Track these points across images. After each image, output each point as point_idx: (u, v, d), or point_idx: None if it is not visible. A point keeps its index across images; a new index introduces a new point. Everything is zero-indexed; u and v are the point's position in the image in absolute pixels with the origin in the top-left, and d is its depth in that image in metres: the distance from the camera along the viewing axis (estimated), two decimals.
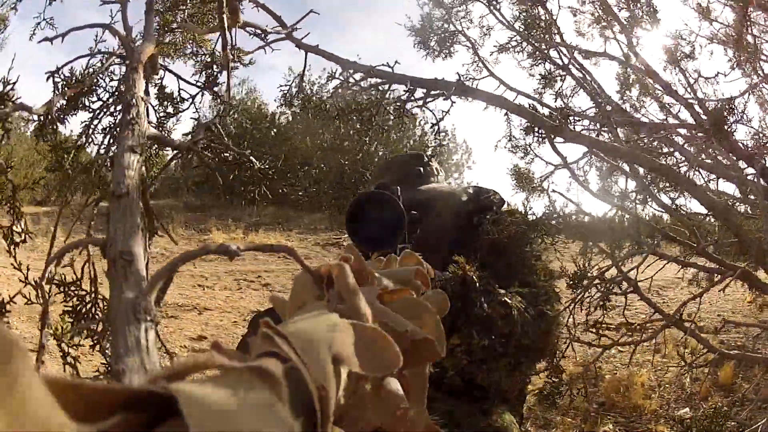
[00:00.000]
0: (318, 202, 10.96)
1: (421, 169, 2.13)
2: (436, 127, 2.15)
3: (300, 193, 10.56)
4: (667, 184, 2.75)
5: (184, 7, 2.40)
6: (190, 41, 2.36)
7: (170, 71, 1.77)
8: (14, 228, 1.64)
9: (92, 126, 1.67)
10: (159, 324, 0.64)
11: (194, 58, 2.27)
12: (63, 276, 1.52)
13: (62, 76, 1.61)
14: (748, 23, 2.91)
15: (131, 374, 0.60)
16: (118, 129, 1.56)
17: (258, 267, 7.26)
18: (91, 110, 1.66)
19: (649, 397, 3.31)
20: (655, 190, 2.67)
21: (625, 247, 2.48)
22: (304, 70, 2.15)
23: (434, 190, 2.09)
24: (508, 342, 1.75)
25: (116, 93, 1.68)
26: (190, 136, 1.51)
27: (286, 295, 0.59)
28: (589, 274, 2.36)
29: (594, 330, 2.63)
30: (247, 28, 1.96)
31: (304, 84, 2.23)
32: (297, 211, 10.94)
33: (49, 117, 1.52)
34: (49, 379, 0.22)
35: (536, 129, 2.01)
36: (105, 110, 1.66)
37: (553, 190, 2.28)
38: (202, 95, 2.00)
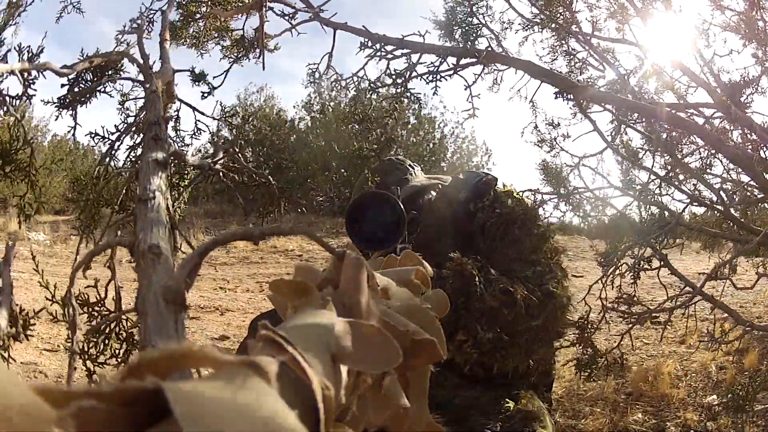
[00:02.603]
0: (340, 207, 11.02)
1: (398, 170, 2.12)
2: (469, 90, 2.16)
3: (320, 198, 10.61)
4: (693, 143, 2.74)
5: None
6: (215, 30, 2.41)
7: (185, 103, 1.82)
8: (28, 199, 1.65)
9: (112, 154, 1.69)
10: (189, 309, 0.64)
11: (220, 43, 2.32)
12: (87, 296, 1.51)
13: (85, 55, 1.64)
14: (759, 8, 2.90)
15: None
16: (140, 147, 1.59)
17: (280, 270, 7.29)
18: (113, 130, 1.67)
19: (676, 386, 3.28)
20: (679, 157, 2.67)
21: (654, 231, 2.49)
22: (332, 49, 2.19)
23: (416, 187, 2.08)
24: (516, 328, 1.75)
25: (134, 123, 1.70)
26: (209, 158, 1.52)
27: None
28: (618, 252, 2.37)
29: (626, 303, 2.64)
30: (275, 8, 2.00)
31: (331, 65, 2.25)
32: (318, 216, 11.00)
33: (77, 82, 1.55)
34: (41, 389, 0.23)
35: (566, 93, 2.02)
36: (126, 134, 1.68)
37: (583, 164, 2.30)
38: (219, 126, 2.03)
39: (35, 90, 1.42)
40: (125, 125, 1.71)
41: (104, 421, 0.23)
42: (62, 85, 1.54)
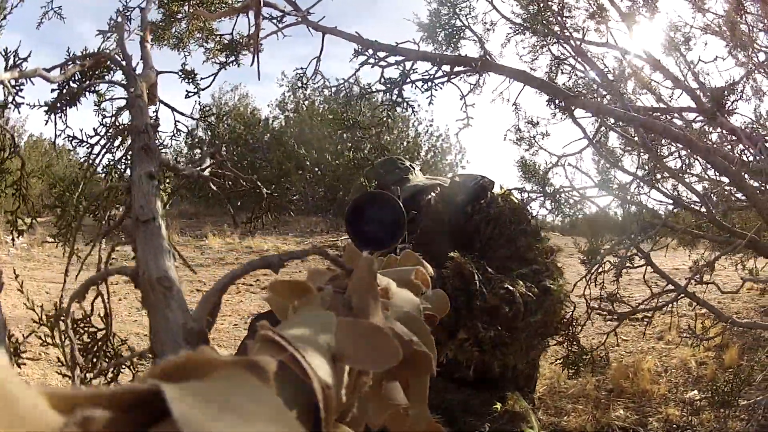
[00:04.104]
0: (314, 206, 10.98)
1: (398, 169, 2.15)
2: (463, 101, 2.16)
3: (294, 197, 10.55)
4: (679, 171, 2.80)
5: None
6: (198, 30, 2.37)
7: (165, 104, 1.76)
8: (19, 215, 1.60)
9: (93, 159, 1.64)
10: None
11: (204, 45, 2.28)
12: (72, 312, 1.47)
13: (72, 55, 1.59)
14: (742, 12, 2.95)
15: None
16: (128, 156, 1.53)
17: (255, 271, 7.23)
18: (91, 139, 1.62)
19: (656, 382, 3.32)
20: (666, 164, 2.72)
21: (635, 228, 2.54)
22: (321, 53, 2.16)
23: (417, 186, 2.10)
24: (516, 324, 1.77)
25: (114, 125, 1.65)
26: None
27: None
28: (602, 251, 2.41)
29: (609, 302, 2.68)
30: (263, 12, 1.96)
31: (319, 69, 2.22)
32: (292, 216, 10.94)
33: (66, 89, 1.50)
34: (44, 392, 0.23)
35: (557, 100, 2.04)
36: (110, 140, 1.63)
37: (569, 164, 2.33)
38: (197, 124, 2.01)
39: (23, 98, 1.38)
40: (105, 128, 1.66)
41: (107, 427, 0.23)
42: (52, 90, 1.49)
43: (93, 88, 1.66)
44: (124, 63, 1.42)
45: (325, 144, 10.97)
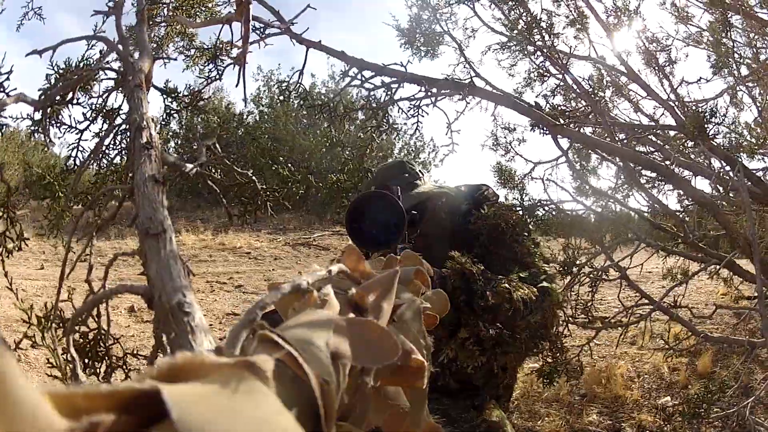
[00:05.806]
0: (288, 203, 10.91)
1: (407, 174, 2.16)
2: (449, 127, 2.16)
3: (268, 193, 10.48)
4: (655, 181, 2.84)
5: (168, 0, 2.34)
6: (178, 35, 2.32)
7: (157, 88, 1.70)
8: (8, 234, 1.57)
9: (80, 146, 1.59)
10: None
11: (185, 53, 2.24)
12: (62, 311, 1.44)
13: (56, 67, 1.55)
14: (727, 27, 2.97)
15: None
16: (127, 152, 1.48)
17: (228, 269, 7.16)
18: (80, 121, 1.58)
19: (629, 387, 3.36)
20: (643, 185, 2.75)
21: (610, 238, 2.57)
22: (304, 66, 2.14)
23: (425, 194, 2.11)
24: (516, 322, 1.79)
25: (104, 110, 1.61)
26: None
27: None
28: (577, 263, 2.43)
29: (585, 314, 2.71)
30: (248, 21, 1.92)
31: (302, 80, 2.20)
32: (264, 213, 10.85)
33: (49, 107, 1.45)
34: (45, 391, 0.23)
35: (542, 127, 2.06)
36: (109, 131, 1.58)
37: (548, 179, 2.35)
38: (188, 111, 1.99)
39: (5, 118, 1.35)
40: (93, 113, 1.61)
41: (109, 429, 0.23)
42: (35, 110, 1.44)
43: (77, 100, 1.61)
44: (120, 47, 1.37)
45: (299, 141, 10.92)
